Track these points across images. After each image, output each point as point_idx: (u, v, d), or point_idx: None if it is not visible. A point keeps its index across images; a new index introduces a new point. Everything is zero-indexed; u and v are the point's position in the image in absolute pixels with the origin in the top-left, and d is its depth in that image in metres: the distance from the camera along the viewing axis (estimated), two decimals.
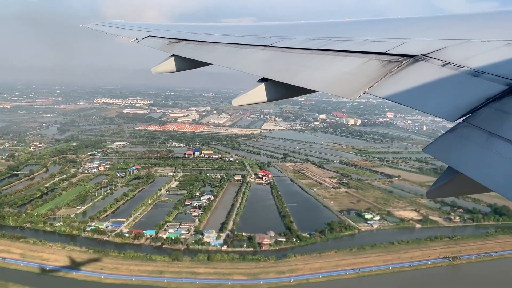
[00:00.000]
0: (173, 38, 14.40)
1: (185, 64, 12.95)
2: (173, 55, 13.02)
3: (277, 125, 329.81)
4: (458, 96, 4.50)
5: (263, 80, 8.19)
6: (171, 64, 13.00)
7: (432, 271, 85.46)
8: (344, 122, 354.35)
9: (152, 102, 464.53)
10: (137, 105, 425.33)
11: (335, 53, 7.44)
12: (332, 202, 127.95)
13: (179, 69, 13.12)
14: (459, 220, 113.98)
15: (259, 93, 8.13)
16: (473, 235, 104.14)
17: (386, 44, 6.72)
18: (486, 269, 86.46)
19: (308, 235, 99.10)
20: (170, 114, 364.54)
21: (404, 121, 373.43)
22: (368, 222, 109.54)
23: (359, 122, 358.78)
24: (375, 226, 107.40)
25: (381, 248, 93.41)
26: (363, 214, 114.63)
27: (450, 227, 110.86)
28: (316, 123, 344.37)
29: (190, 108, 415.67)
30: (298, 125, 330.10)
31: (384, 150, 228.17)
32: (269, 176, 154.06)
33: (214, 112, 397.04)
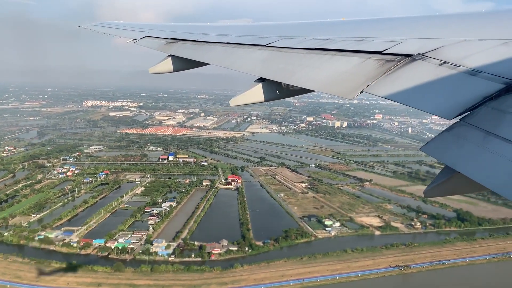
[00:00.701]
0: (170, 38, 14.41)
1: (183, 64, 12.92)
2: (170, 55, 12.99)
3: (262, 128, 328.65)
4: (455, 95, 4.52)
5: (261, 80, 8.17)
6: (168, 65, 12.95)
7: (379, 281, 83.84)
8: (330, 125, 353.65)
9: (141, 104, 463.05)
10: (125, 107, 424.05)
11: (333, 53, 7.48)
12: (296, 208, 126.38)
13: (176, 69, 13.03)
14: (420, 227, 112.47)
15: (257, 92, 8.14)
16: (431, 242, 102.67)
17: (383, 43, 6.76)
18: (435, 278, 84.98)
19: (262, 244, 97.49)
20: (156, 117, 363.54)
21: (391, 123, 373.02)
22: (327, 229, 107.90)
23: (345, 124, 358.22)
24: (333, 233, 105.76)
25: (333, 257, 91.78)
26: (323, 220, 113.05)
27: (411, 234, 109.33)
28: (302, 125, 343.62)
29: (178, 110, 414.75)
30: (283, 127, 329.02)
31: (363, 153, 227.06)
32: (239, 181, 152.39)
33: (202, 114, 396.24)
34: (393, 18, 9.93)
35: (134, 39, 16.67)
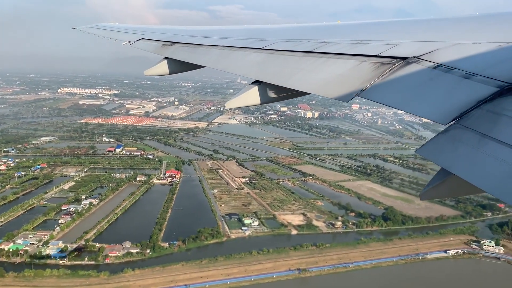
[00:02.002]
0: (166, 41, 14.66)
1: (178, 66, 13.07)
2: (166, 58, 13.10)
3: (231, 118, 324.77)
4: (450, 98, 4.54)
5: (257, 82, 8.21)
6: (163, 67, 13.08)
7: (271, 286, 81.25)
8: (302, 115, 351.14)
9: (118, 92, 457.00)
10: (99, 95, 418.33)
11: (328, 56, 7.57)
12: (223, 205, 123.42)
13: (172, 71, 13.13)
14: (340, 226, 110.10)
15: (253, 95, 8.19)
16: (344, 243, 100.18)
17: (378, 46, 6.82)
18: (330, 282, 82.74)
19: (167, 245, 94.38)
20: (126, 106, 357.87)
21: (365, 113, 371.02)
22: (243, 228, 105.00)
23: (316, 115, 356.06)
24: (247, 233, 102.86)
25: (235, 259, 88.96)
26: (243, 219, 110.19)
27: (329, 234, 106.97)
28: (274, 116, 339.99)
29: (153, 99, 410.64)
30: (253, 118, 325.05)
31: (322, 145, 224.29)
32: (177, 176, 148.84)
33: (176, 103, 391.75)
34: (389, 21, 9.91)
35: (129, 42, 17.03)
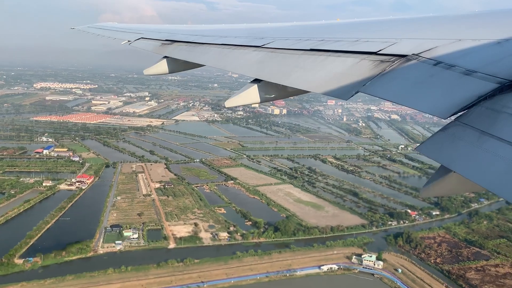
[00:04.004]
0: (165, 40, 14.84)
1: (178, 65, 13.50)
2: (165, 57, 13.41)
3: (194, 115, 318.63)
4: (449, 95, 4.49)
5: (256, 81, 8.27)
6: (163, 66, 13.42)
7: None
8: (270, 112, 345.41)
9: (96, 86, 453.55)
10: (73, 90, 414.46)
11: (327, 54, 7.52)
12: (115, 214, 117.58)
13: (171, 70, 13.58)
14: (225, 238, 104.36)
15: (252, 94, 8.24)
16: (215, 258, 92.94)
17: (378, 44, 6.75)
18: None
19: (21, 262, 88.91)
20: (93, 101, 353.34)
21: (336, 109, 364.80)
22: (116, 242, 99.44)
23: (284, 111, 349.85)
24: (119, 247, 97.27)
25: (84, 279, 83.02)
26: (123, 231, 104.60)
27: (212, 247, 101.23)
28: (241, 112, 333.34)
29: (125, 94, 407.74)
30: (218, 115, 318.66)
31: (270, 145, 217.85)
32: (88, 181, 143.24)
33: (147, 98, 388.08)
34: (388, 19, 9.99)
35: (129, 41, 17.19)
